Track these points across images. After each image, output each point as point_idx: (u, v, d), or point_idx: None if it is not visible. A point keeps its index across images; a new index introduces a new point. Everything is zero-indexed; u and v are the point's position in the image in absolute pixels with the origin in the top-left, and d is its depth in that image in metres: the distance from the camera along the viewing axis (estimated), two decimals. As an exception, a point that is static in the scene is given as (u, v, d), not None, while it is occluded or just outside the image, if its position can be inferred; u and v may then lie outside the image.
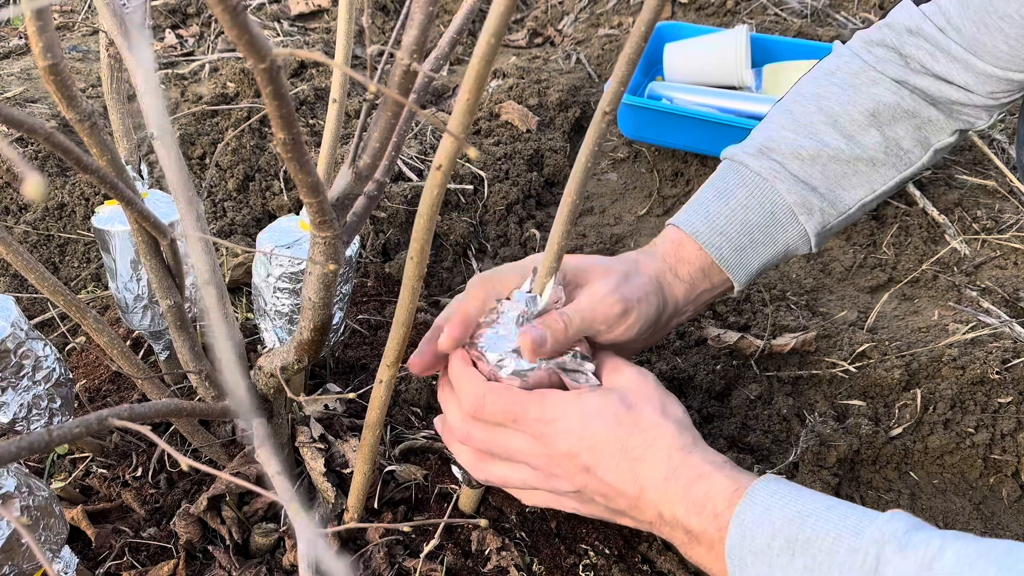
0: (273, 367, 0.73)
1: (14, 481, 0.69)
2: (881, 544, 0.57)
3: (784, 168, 0.91)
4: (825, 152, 0.92)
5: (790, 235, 0.92)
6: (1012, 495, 1.07)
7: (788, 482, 0.65)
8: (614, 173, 1.73)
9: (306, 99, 1.79)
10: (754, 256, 0.91)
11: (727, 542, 0.63)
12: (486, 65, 0.47)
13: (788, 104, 0.97)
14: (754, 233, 0.90)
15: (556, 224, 0.68)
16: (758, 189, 0.91)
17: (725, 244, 0.89)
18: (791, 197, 0.91)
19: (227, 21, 0.34)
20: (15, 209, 1.47)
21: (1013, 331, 1.24)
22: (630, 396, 0.71)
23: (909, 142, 0.94)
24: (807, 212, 0.91)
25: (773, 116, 0.97)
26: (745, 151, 0.93)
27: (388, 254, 1.43)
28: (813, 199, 0.91)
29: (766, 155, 0.92)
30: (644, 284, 0.83)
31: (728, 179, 0.93)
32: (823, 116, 0.93)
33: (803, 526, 0.60)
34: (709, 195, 0.92)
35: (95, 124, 0.56)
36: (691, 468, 0.66)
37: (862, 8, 2.22)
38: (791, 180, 0.91)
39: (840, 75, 0.96)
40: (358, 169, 0.59)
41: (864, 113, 0.93)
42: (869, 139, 0.93)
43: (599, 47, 2.10)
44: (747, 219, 0.90)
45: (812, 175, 0.92)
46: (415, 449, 0.99)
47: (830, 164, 0.92)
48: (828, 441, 1.07)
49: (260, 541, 0.89)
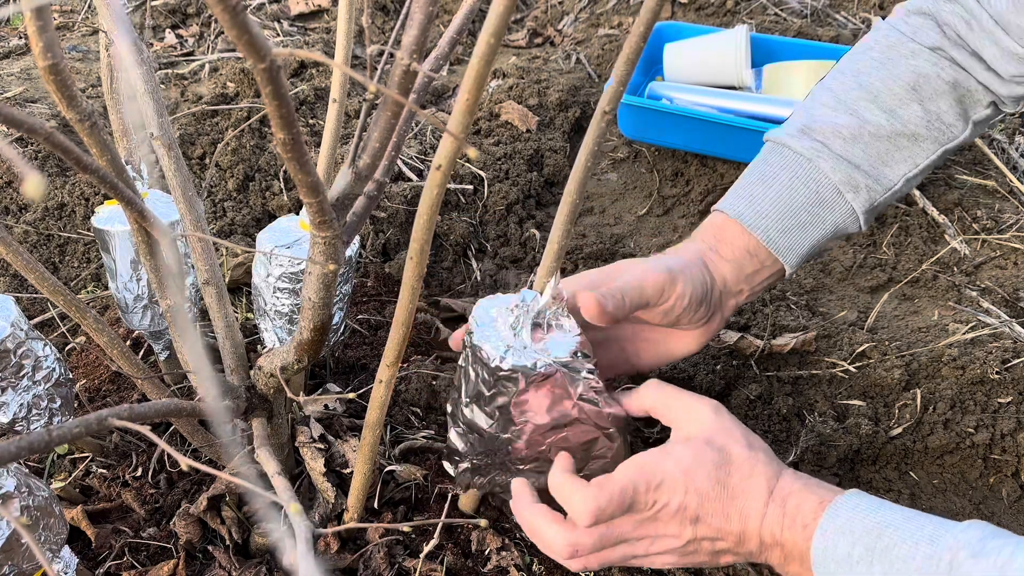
0: (273, 367, 0.73)
1: (14, 481, 0.69)
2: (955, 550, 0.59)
3: (826, 147, 0.91)
4: (866, 129, 0.92)
5: (838, 214, 0.92)
6: (1012, 495, 1.07)
7: (872, 496, 0.68)
8: (614, 173, 1.73)
9: (306, 99, 1.79)
10: (803, 237, 0.92)
11: (812, 552, 0.66)
12: (486, 65, 0.47)
13: (829, 82, 0.97)
14: (800, 214, 0.91)
15: (556, 223, 0.68)
16: (801, 169, 0.91)
17: (771, 226, 0.90)
18: (836, 176, 0.91)
19: (227, 21, 0.34)
20: (15, 209, 1.47)
21: (1013, 331, 1.24)
22: (717, 439, 0.73)
23: (951, 115, 0.93)
24: (853, 190, 0.91)
25: (815, 95, 0.97)
26: (787, 132, 0.94)
27: (388, 254, 1.43)
28: (858, 176, 0.91)
29: (808, 135, 0.92)
30: (686, 259, 0.87)
31: (771, 161, 0.93)
32: (863, 92, 0.93)
33: (881, 535, 0.63)
34: (752, 178, 0.93)
35: (95, 124, 0.56)
36: (783, 489, 0.70)
37: (862, 8, 2.22)
38: (834, 159, 0.91)
39: (878, 49, 0.95)
40: (358, 169, 0.59)
41: (904, 87, 0.92)
42: (910, 113, 0.92)
43: (599, 47, 2.10)
44: (792, 200, 0.91)
45: (854, 153, 0.92)
46: (415, 449, 0.99)
47: (872, 142, 0.92)
48: (828, 441, 1.07)
49: (260, 541, 0.89)
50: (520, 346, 0.72)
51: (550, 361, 0.72)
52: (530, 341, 0.72)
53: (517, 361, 0.71)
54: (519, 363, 0.71)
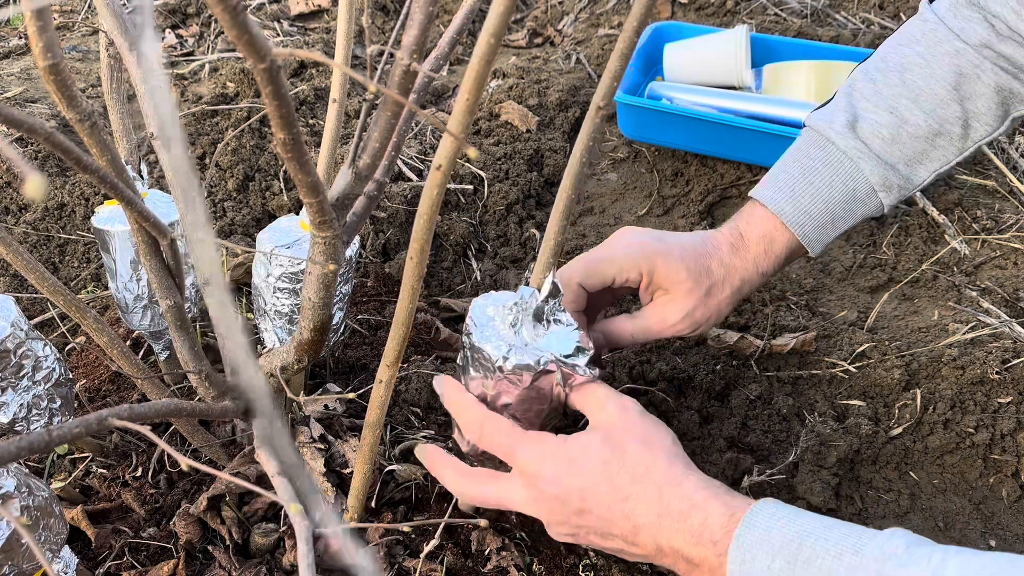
0: (273, 367, 0.73)
1: (14, 481, 0.69)
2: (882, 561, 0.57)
3: (868, 148, 0.93)
4: (905, 130, 0.93)
5: (868, 208, 0.96)
6: (1012, 495, 1.07)
7: (787, 505, 0.66)
8: (614, 173, 1.73)
9: (306, 99, 1.79)
10: (832, 230, 0.96)
11: (728, 567, 0.63)
12: (486, 65, 0.47)
13: (872, 73, 0.97)
14: (836, 210, 0.94)
15: (552, 219, 0.68)
16: (843, 169, 0.94)
17: (808, 223, 0.94)
18: (874, 178, 0.93)
19: (227, 21, 0.34)
20: (15, 209, 1.47)
21: (1013, 331, 1.24)
22: (614, 434, 0.71)
23: (989, 115, 0.94)
24: (887, 190, 0.94)
25: (857, 84, 0.97)
26: (832, 126, 0.95)
27: (388, 254, 1.43)
28: (893, 177, 0.94)
29: (853, 132, 0.93)
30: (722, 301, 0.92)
31: (814, 156, 0.95)
32: (906, 90, 0.94)
33: (802, 546, 0.60)
34: (795, 172, 0.95)
35: (95, 124, 0.56)
36: (683, 500, 0.67)
37: (862, 8, 2.22)
38: (874, 160, 0.93)
39: (924, 44, 0.95)
40: (358, 169, 0.59)
41: (946, 87, 0.93)
42: (949, 112, 0.93)
43: (599, 47, 2.10)
44: (830, 197, 0.94)
45: (892, 153, 0.94)
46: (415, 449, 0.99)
47: (910, 141, 0.94)
48: (828, 441, 1.07)
49: (260, 541, 0.89)
50: (521, 344, 0.72)
51: (551, 358, 0.72)
52: (531, 339, 0.72)
53: (520, 360, 0.71)
54: (522, 362, 0.71)
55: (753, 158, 1.63)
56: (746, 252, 0.94)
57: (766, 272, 0.95)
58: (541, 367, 0.71)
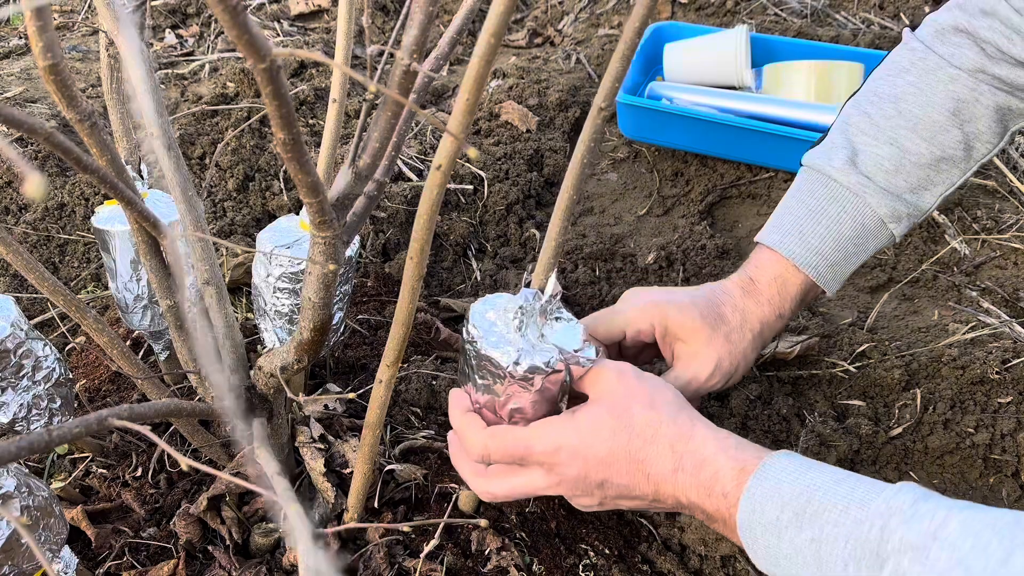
0: (273, 367, 0.73)
1: (14, 481, 0.69)
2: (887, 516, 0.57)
3: (872, 181, 0.92)
4: (908, 160, 0.93)
5: (880, 240, 0.95)
6: (1012, 495, 1.07)
7: (801, 457, 0.66)
8: (614, 173, 1.73)
9: (306, 99, 1.79)
10: (847, 267, 0.94)
11: (738, 517, 0.65)
12: (486, 65, 0.47)
13: (865, 106, 0.96)
14: (847, 247, 0.93)
15: (553, 220, 0.68)
16: (850, 204, 0.93)
17: (822, 263, 0.92)
18: (882, 210, 0.92)
19: (227, 21, 0.34)
20: (15, 209, 1.47)
21: (1013, 331, 1.24)
22: (617, 402, 0.72)
23: (989, 134, 0.94)
24: (896, 220, 0.93)
25: (852, 119, 0.96)
26: (832, 164, 0.93)
27: (388, 254, 1.43)
28: (901, 208, 0.93)
29: (854, 168, 0.93)
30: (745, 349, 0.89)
31: (818, 194, 0.94)
32: (903, 120, 0.93)
33: (811, 499, 0.62)
34: (801, 213, 0.94)
35: (95, 124, 0.56)
36: (694, 455, 0.69)
37: (862, 8, 2.22)
38: (880, 193, 0.92)
39: (915, 73, 0.94)
40: (358, 169, 0.59)
41: (944, 114, 0.92)
42: (950, 138, 0.93)
43: (599, 47, 2.10)
44: (840, 234, 0.92)
45: (897, 183, 0.93)
46: (415, 449, 0.99)
47: (913, 170, 0.93)
48: (828, 441, 1.07)
49: (260, 541, 0.89)
50: (529, 347, 0.72)
51: (560, 356, 0.72)
52: (537, 340, 0.72)
53: (532, 363, 0.71)
54: (533, 364, 0.71)
55: (753, 158, 1.63)
56: (759, 295, 0.92)
57: (784, 314, 0.93)
58: (551, 368, 0.71)
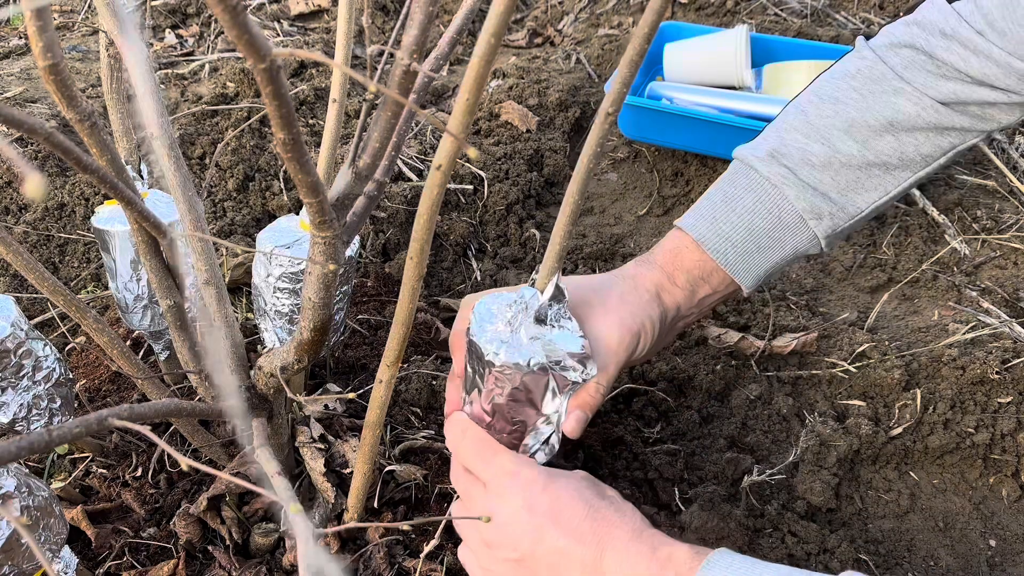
0: (273, 367, 0.73)
1: (14, 481, 0.69)
2: None
3: (794, 174, 0.90)
4: (837, 158, 0.91)
5: (799, 239, 0.92)
6: (1012, 495, 1.07)
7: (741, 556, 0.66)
8: (614, 173, 1.73)
9: (306, 99, 1.79)
10: (761, 260, 0.92)
11: None
12: (486, 65, 0.47)
13: (804, 105, 0.95)
14: (761, 238, 0.91)
15: (558, 224, 0.68)
16: (766, 195, 0.91)
17: (730, 249, 0.90)
18: (800, 203, 0.90)
19: (227, 21, 0.34)
20: (15, 209, 1.47)
21: (1013, 331, 1.24)
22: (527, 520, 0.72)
23: (928, 147, 0.92)
24: (816, 217, 0.91)
25: (787, 116, 0.95)
26: (755, 154, 0.92)
27: (388, 254, 1.43)
28: (823, 205, 0.91)
29: (777, 159, 0.91)
30: (644, 306, 0.86)
31: (737, 183, 0.93)
32: (838, 121, 0.91)
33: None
34: (717, 199, 0.93)
35: (95, 124, 0.56)
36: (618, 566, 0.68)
37: (862, 8, 2.22)
38: (800, 186, 0.90)
39: (860, 79, 0.92)
40: (358, 169, 0.59)
41: (881, 121, 0.90)
42: (884, 144, 0.91)
43: (599, 47, 2.10)
44: (753, 224, 0.90)
45: (823, 181, 0.91)
46: (415, 449, 0.99)
47: (842, 170, 0.91)
48: (828, 441, 1.07)
49: (260, 541, 0.89)
50: (516, 343, 0.72)
51: (543, 360, 0.71)
52: (527, 339, 0.72)
53: (510, 357, 0.71)
54: (511, 360, 0.71)
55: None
56: (652, 263, 0.91)
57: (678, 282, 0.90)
58: (530, 367, 0.71)
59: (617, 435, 1.08)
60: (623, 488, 1.01)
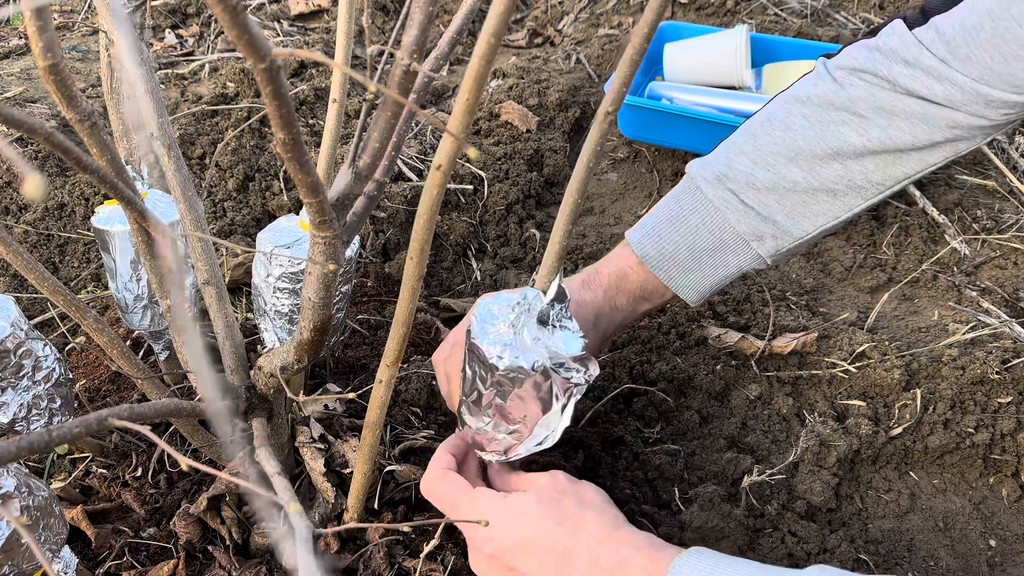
0: (273, 367, 0.73)
1: (14, 481, 0.69)
2: None
3: (738, 197, 0.93)
4: (781, 184, 0.92)
5: (742, 258, 0.96)
6: (1012, 495, 1.07)
7: (714, 554, 0.67)
8: (614, 173, 1.73)
9: (306, 99, 1.79)
10: (703, 278, 0.96)
11: None
12: (486, 65, 0.47)
13: (755, 128, 0.96)
14: (703, 258, 0.94)
15: (558, 223, 0.68)
16: (709, 217, 0.94)
17: (674, 267, 0.94)
18: (741, 227, 0.93)
19: (227, 21, 0.34)
20: (15, 209, 1.47)
21: (1013, 331, 1.24)
22: (548, 494, 0.74)
23: (878, 175, 0.92)
24: (758, 239, 0.94)
25: (738, 137, 0.97)
26: (703, 175, 0.95)
27: (388, 254, 1.43)
28: (765, 228, 0.93)
29: (722, 183, 0.93)
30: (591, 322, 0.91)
31: (683, 202, 0.96)
32: (784, 148, 0.92)
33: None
34: (663, 216, 0.96)
35: (95, 124, 0.56)
36: (611, 554, 0.69)
37: (862, 8, 2.22)
38: (743, 210, 0.92)
39: (811, 106, 0.93)
40: (358, 169, 0.59)
41: (827, 150, 0.91)
42: (829, 172, 0.92)
43: (599, 47, 2.10)
44: (696, 244, 0.94)
45: (768, 204, 0.93)
46: (415, 449, 0.99)
47: (787, 194, 0.93)
48: (828, 441, 1.07)
49: (260, 541, 0.89)
50: (519, 345, 0.71)
51: (546, 363, 0.71)
52: (530, 341, 0.72)
53: (514, 361, 0.70)
54: (515, 363, 0.70)
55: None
56: (597, 287, 0.94)
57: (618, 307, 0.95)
58: (533, 371, 0.71)
59: (617, 435, 1.08)
60: (623, 488, 1.01)
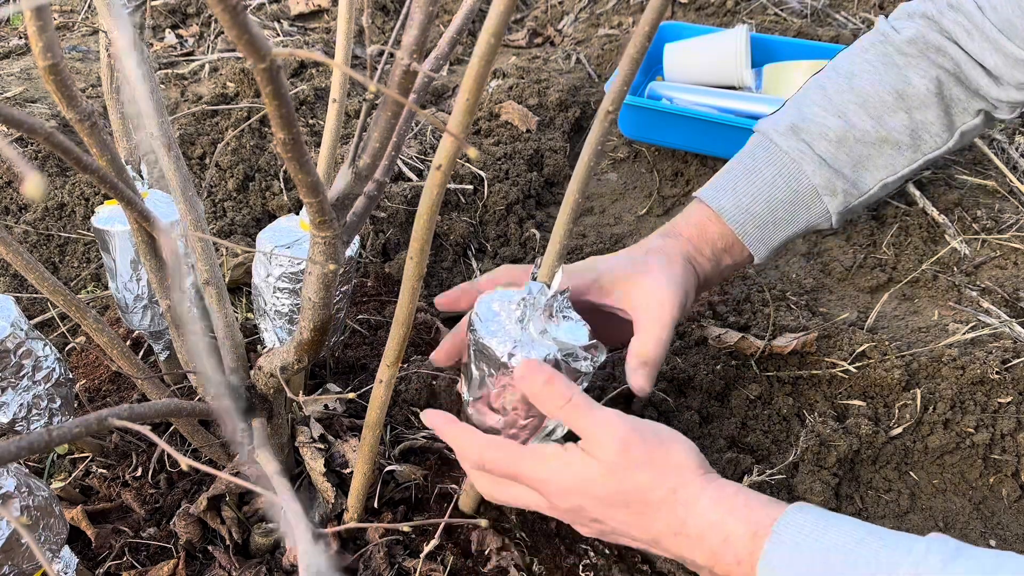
0: (273, 367, 0.73)
1: (14, 481, 0.69)
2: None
3: (812, 149, 0.93)
4: (851, 134, 0.93)
5: (812, 213, 0.96)
6: (1012, 495, 1.07)
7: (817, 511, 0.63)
8: (614, 173, 1.73)
9: (306, 99, 1.79)
10: (775, 233, 0.95)
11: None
12: (486, 65, 0.47)
13: (823, 79, 0.98)
14: (778, 211, 0.94)
15: (559, 222, 0.68)
16: (785, 168, 0.94)
17: (749, 221, 0.94)
18: (817, 179, 0.93)
19: (227, 21, 0.34)
20: (15, 209, 1.47)
21: (1013, 331, 1.24)
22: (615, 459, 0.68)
23: (937, 126, 0.94)
24: (831, 193, 0.94)
25: (808, 90, 0.98)
26: (776, 128, 0.95)
27: (388, 254, 1.43)
28: (838, 181, 0.94)
29: (796, 134, 0.94)
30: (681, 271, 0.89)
31: (757, 156, 0.96)
32: (854, 95, 0.94)
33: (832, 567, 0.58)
34: (738, 171, 0.96)
35: (95, 124, 0.56)
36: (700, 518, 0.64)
37: (862, 8, 2.22)
38: (817, 162, 0.93)
39: (873, 52, 0.96)
40: (358, 169, 0.59)
41: (893, 95, 0.93)
42: (896, 121, 0.93)
43: (599, 47, 2.10)
44: (772, 196, 0.94)
45: (838, 157, 0.94)
46: (415, 449, 0.99)
47: (856, 146, 0.94)
48: (828, 441, 1.07)
49: (260, 541, 0.89)
50: (528, 340, 0.71)
51: (556, 355, 0.71)
52: (538, 334, 0.72)
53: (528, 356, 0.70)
54: (527, 359, 0.70)
55: (753, 158, 1.63)
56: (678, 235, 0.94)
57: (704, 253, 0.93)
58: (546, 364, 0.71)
59: (617, 435, 1.08)
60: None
